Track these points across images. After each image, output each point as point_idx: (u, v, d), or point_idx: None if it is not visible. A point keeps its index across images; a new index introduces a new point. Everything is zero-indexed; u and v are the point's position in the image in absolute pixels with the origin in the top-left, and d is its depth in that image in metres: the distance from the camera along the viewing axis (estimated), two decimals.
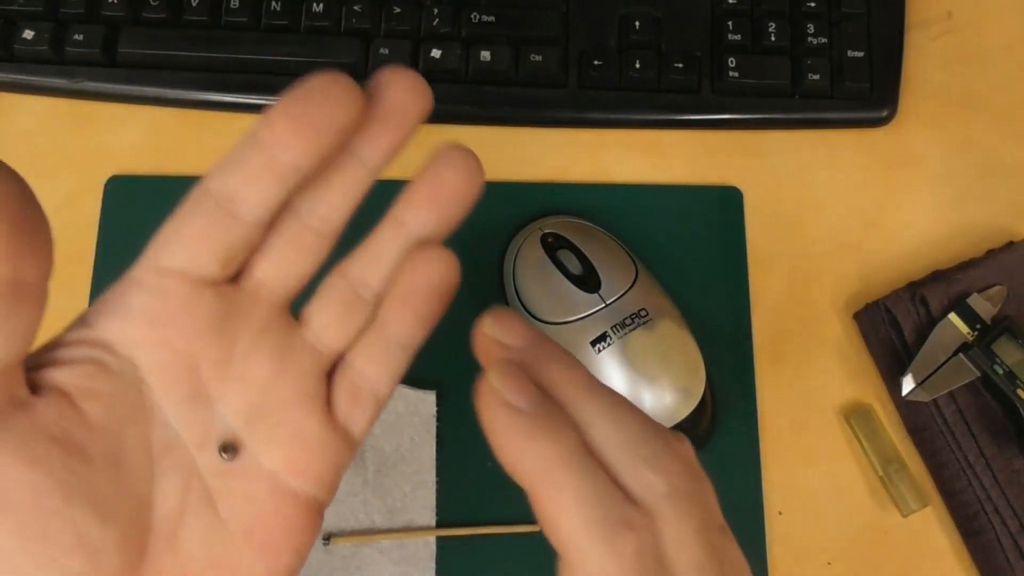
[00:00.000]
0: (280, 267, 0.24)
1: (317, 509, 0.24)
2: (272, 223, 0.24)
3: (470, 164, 0.25)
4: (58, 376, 0.21)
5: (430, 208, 0.25)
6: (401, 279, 0.25)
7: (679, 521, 0.22)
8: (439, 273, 0.25)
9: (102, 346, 0.22)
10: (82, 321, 0.23)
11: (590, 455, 0.22)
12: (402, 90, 0.24)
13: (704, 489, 0.24)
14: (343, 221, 0.25)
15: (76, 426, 0.21)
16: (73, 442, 0.21)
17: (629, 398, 0.38)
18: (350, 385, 0.25)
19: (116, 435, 0.21)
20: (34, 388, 0.21)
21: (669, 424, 0.39)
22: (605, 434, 0.23)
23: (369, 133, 0.24)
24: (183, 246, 0.23)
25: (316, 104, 0.22)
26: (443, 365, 0.42)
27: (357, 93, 0.22)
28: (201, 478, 0.23)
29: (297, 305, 0.25)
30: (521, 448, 0.22)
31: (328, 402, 0.24)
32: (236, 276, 0.24)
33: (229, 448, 0.23)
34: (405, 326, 0.25)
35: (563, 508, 0.21)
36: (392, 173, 0.49)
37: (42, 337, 0.21)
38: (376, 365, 0.25)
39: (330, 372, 0.25)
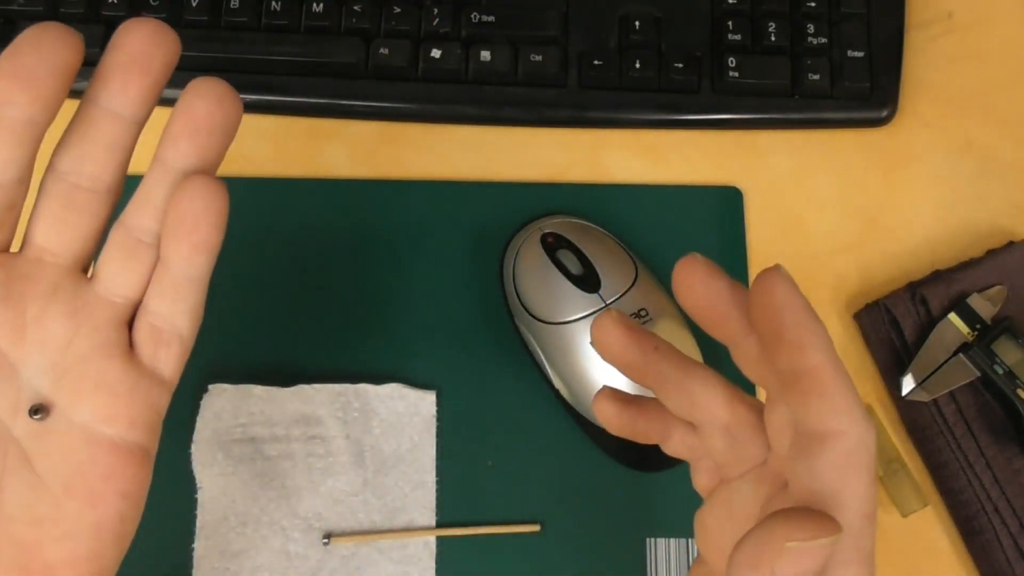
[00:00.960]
0: (58, 229, 0.24)
1: (139, 453, 0.25)
2: (45, 188, 0.24)
3: (220, 92, 0.25)
4: None
5: (187, 141, 0.25)
6: (169, 213, 0.24)
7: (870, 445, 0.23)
8: (202, 198, 0.24)
9: None
10: None
11: None
12: (141, 37, 0.24)
13: None
14: (116, 176, 0.25)
15: None
16: None
17: None
18: (148, 327, 0.25)
19: None
20: None
21: None
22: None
23: (114, 83, 0.24)
24: None
25: (30, 54, 0.22)
26: (443, 365, 0.42)
27: (70, 36, 0.23)
28: (17, 443, 0.24)
29: None
30: (807, 320, 0.23)
31: (131, 349, 0.25)
32: (18, 247, 0.25)
33: (39, 409, 0.24)
34: (183, 257, 0.25)
35: (839, 378, 0.22)
36: (396, 173, 0.49)
37: None
38: (168, 302, 0.25)
39: (131, 321, 0.26)
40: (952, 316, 0.41)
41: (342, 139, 0.46)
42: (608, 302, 0.39)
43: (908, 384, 0.40)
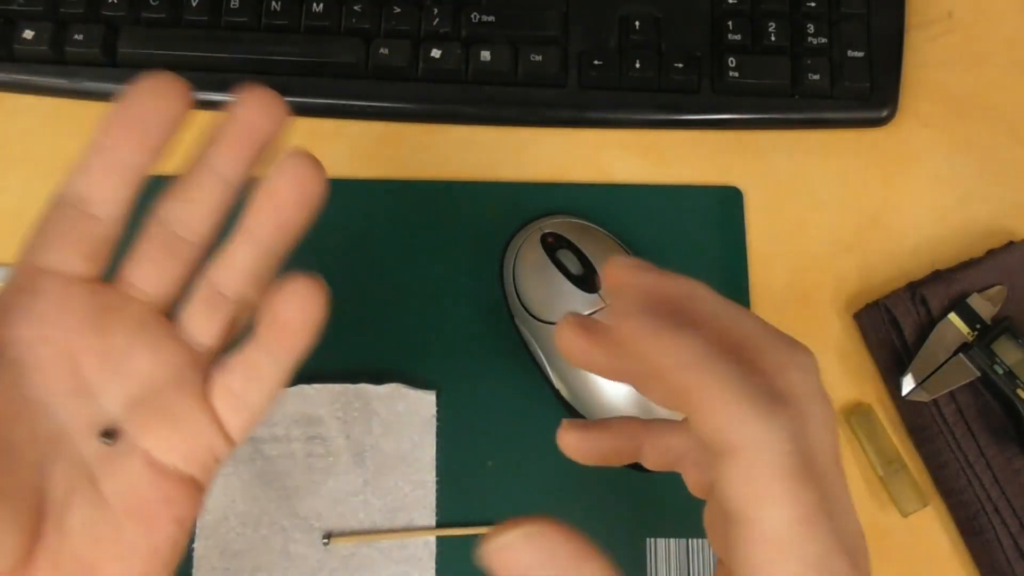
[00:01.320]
0: (152, 271, 0.26)
1: (193, 486, 0.26)
2: (147, 232, 0.26)
3: (311, 170, 0.27)
4: None
5: (274, 216, 0.27)
6: (269, 310, 0.26)
7: (821, 422, 0.22)
8: (305, 300, 0.26)
9: None
10: None
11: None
12: (254, 107, 0.26)
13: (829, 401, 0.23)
14: (210, 230, 0.27)
15: None
16: None
17: (630, 397, 0.38)
18: (223, 389, 0.27)
19: (6, 429, 0.24)
20: None
21: None
22: (746, 329, 0.23)
23: (223, 148, 0.26)
24: (49, 247, 0.25)
25: (143, 105, 0.25)
26: (443, 365, 0.42)
27: (179, 89, 0.25)
28: (86, 464, 0.25)
29: None
30: (663, 344, 0.21)
31: (204, 395, 0.27)
32: (112, 279, 0.26)
33: (110, 433, 0.25)
34: (273, 354, 0.27)
35: (717, 389, 0.20)
36: (396, 173, 0.49)
37: None
38: (244, 380, 0.27)
39: (212, 370, 0.27)
40: (952, 316, 0.41)
41: (342, 139, 0.46)
42: (608, 302, 0.39)
43: (908, 384, 0.40)
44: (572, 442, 0.28)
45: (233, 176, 0.26)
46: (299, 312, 0.26)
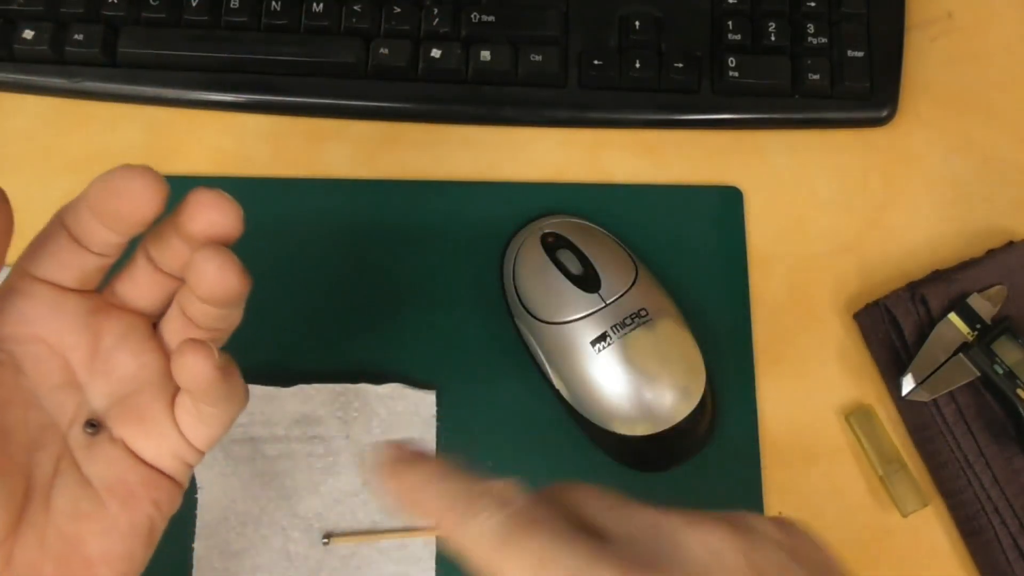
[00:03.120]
0: (138, 291, 0.28)
1: (168, 480, 0.29)
2: (136, 261, 0.28)
3: (224, 257, 0.26)
4: None
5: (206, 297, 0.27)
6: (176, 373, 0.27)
7: None
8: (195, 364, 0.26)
9: None
10: None
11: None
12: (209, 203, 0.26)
13: None
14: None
15: None
16: None
17: (629, 398, 0.38)
18: (184, 408, 0.29)
19: (1, 414, 0.26)
20: None
21: (669, 424, 0.39)
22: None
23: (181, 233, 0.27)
24: (46, 262, 0.27)
25: (117, 199, 0.25)
26: (443, 365, 0.42)
27: (154, 186, 0.25)
28: (70, 450, 0.28)
29: None
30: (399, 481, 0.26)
31: (171, 406, 0.29)
32: (103, 290, 0.28)
33: (93, 424, 0.28)
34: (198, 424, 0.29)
35: (424, 502, 0.25)
36: (396, 173, 0.48)
37: None
38: (195, 417, 0.29)
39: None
40: (952, 316, 0.41)
41: (342, 139, 0.46)
42: (608, 302, 0.39)
43: (908, 384, 0.40)
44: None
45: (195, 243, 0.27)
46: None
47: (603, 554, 0.23)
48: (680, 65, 0.45)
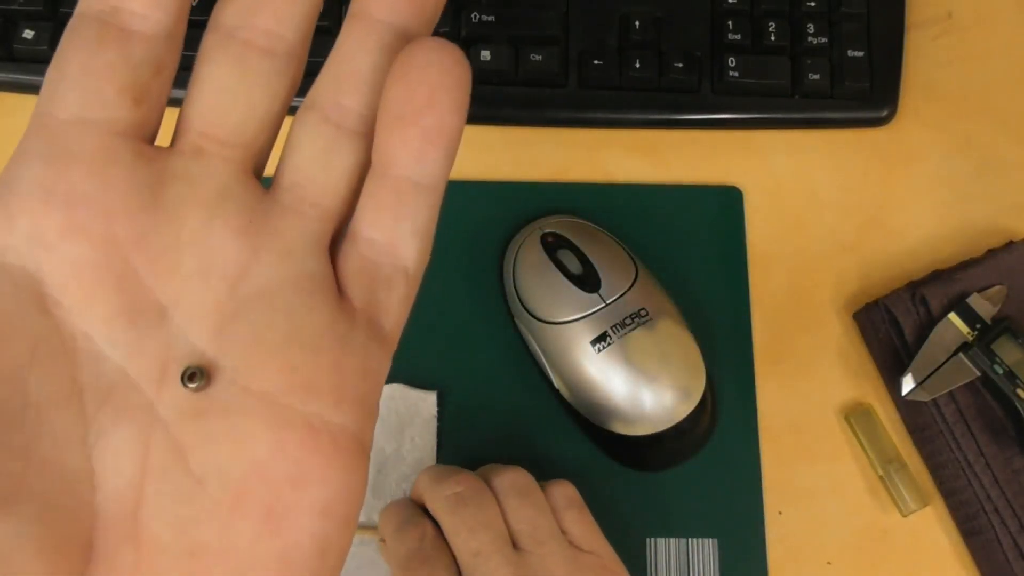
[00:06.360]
0: (224, 107, 0.17)
1: (349, 445, 0.16)
2: (203, 50, 0.18)
3: None
4: None
5: None
6: (389, 89, 0.17)
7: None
8: (438, 65, 0.16)
9: None
10: None
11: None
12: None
13: None
14: (301, 35, 0.19)
15: None
16: None
17: (629, 398, 0.38)
18: (359, 259, 0.18)
19: (12, 387, 0.15)
20: None
21: (669, 424, 0.39)
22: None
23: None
24: (75, 85, 0.16)
25: None
26: (443, 365, 0.42)
27: None
28: (165, 426, 0.15)
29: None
30: None
31: (337, 286, 0.17)
32: (170, 141, 0.18)
33: (197, 374, 0.16)
34: (411, 152, 0.17)
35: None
36: None
37: None
38: (388, 220, 0.17)
39: (333, 244, 0.18)
40: (952, 316, 0.41)
41: None
42: (608, 302, 0.39)
43: (908, 384, 0.40)
44: None
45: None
46: (432, 64, 0.17)
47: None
48: (680, 65, 0.45)
